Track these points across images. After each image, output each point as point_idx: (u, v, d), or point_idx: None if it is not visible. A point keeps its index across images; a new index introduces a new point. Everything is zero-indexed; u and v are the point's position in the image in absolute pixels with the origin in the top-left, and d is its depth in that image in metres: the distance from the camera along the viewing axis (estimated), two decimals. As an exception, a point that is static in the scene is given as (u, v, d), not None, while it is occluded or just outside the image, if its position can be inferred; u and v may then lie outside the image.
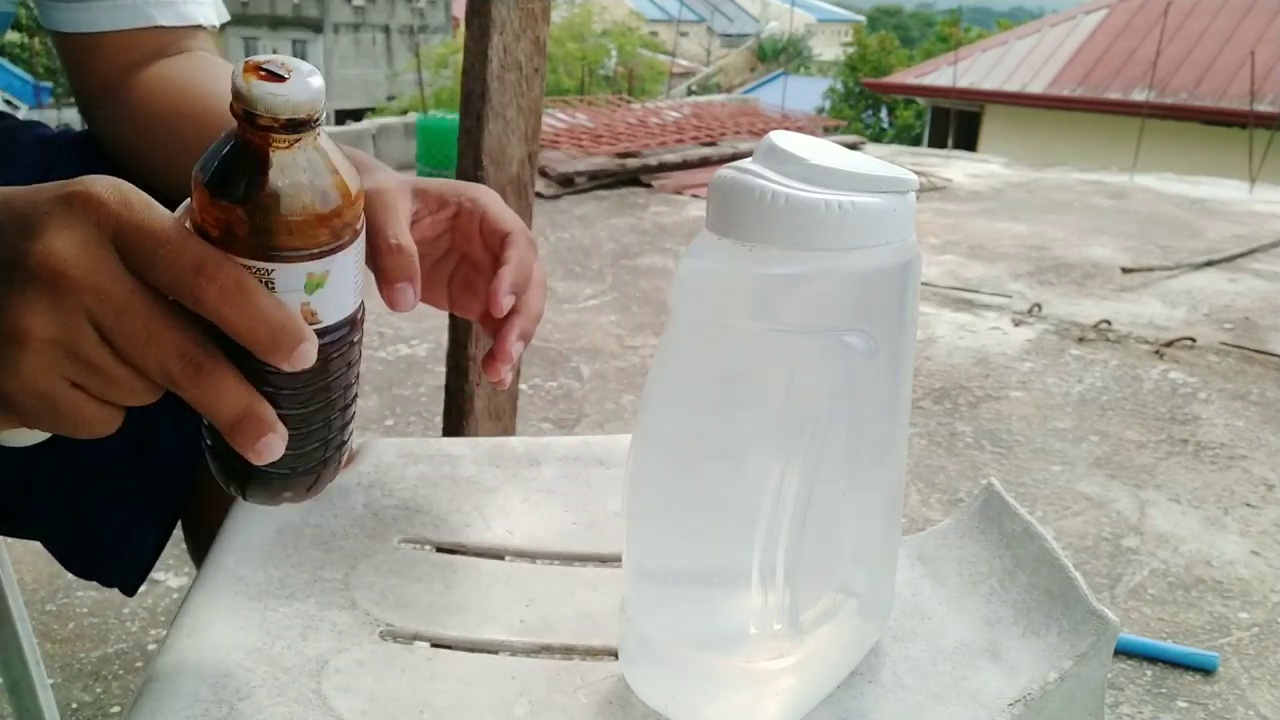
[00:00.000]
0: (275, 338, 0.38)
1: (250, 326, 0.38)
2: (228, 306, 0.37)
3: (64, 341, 0.37)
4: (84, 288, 0.36)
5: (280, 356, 0.39)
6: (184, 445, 0.68)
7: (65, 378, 0.38)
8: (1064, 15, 12.49)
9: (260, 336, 0.38)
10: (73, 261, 0.36)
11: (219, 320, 0.38)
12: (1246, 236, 4.28)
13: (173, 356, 0.38)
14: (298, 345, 0.39)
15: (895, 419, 0.44)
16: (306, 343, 0.39)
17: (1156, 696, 1.39)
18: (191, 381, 0.38)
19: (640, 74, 13.58)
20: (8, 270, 0.36)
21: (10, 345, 0.37)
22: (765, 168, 0.39)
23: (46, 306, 0.36)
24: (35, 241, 0.36)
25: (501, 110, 1.32)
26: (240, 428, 0.39)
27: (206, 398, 0.39)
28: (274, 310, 0.38)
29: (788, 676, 0.42)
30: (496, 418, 1.45)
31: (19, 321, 0.36)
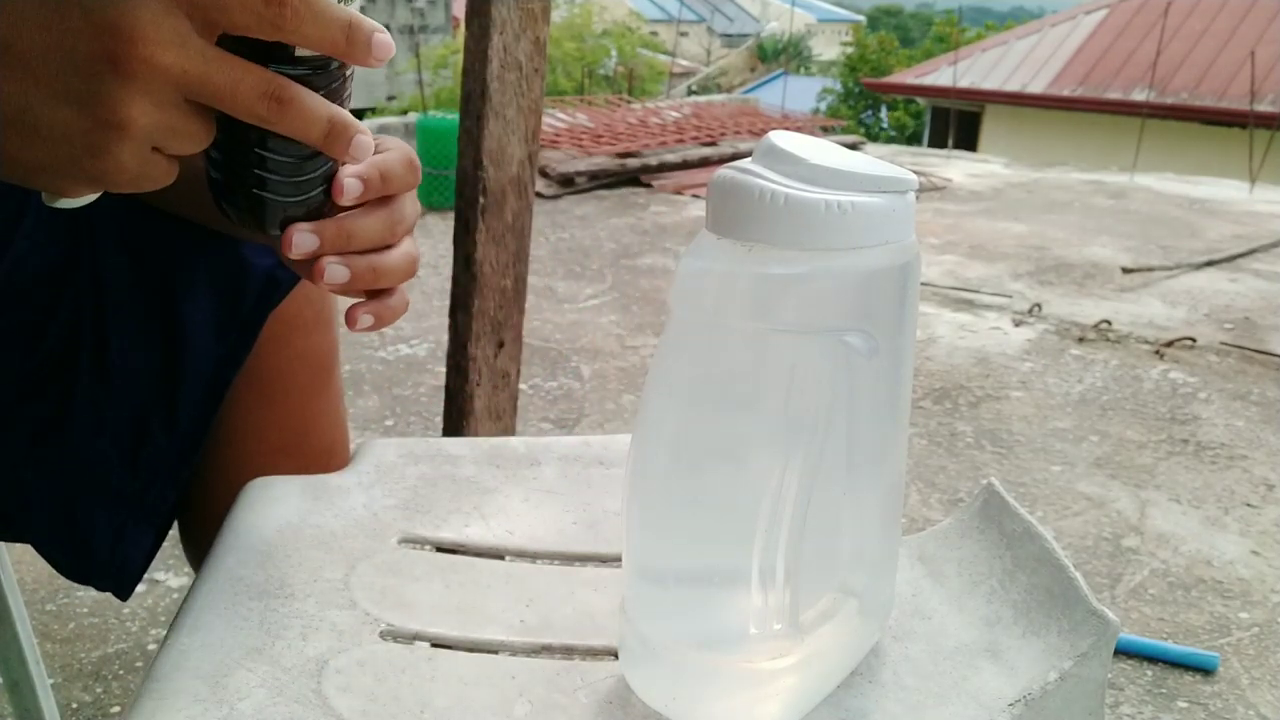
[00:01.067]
0: (354, 35, 0.42)
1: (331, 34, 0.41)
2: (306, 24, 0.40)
3: (159, 118, 0.40)
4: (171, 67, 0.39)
5: (362, 53, 0.42)
6: (176, 448, 0.68)
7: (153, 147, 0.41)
8: (1064, 15, 12.49)
9: (340, 40, 0.41)
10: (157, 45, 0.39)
11: (301, 41, 0.41)
12: (1246, 236, 4.28)
13: (257, 97, 0.41)
14: (373, 33, 0.42)
15: (895, 419, 0.44)
16: (381, 32, 0.43)
17: (1157, 696, 1.39)
18: (280, 113, 0.42)
19: (640, 74, 13.57)
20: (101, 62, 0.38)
21: (113, 132, 0.39)
22: (765, 168, 0.39)
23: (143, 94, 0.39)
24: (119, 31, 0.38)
25: (501, 110, 1.32)
26: (332, 135, 0.43)
27: (297, 123, 0.42)
28: (341, 13, 0.42)
29: (788, 676, 0.42)
30: (496, 418, 1.45)
31: (119, 112, 0.39)
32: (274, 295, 0.68)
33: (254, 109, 0.41)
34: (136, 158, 0.41)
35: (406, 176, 0.50)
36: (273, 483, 0.61)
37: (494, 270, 1.38)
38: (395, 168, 0.49)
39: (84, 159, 0.40)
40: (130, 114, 0.39)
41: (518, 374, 1.47)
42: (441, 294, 2.87)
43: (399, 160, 0.50)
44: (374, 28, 0.42)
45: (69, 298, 0.66)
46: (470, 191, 1.35)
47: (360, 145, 0.44)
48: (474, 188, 1.34)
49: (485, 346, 1.41)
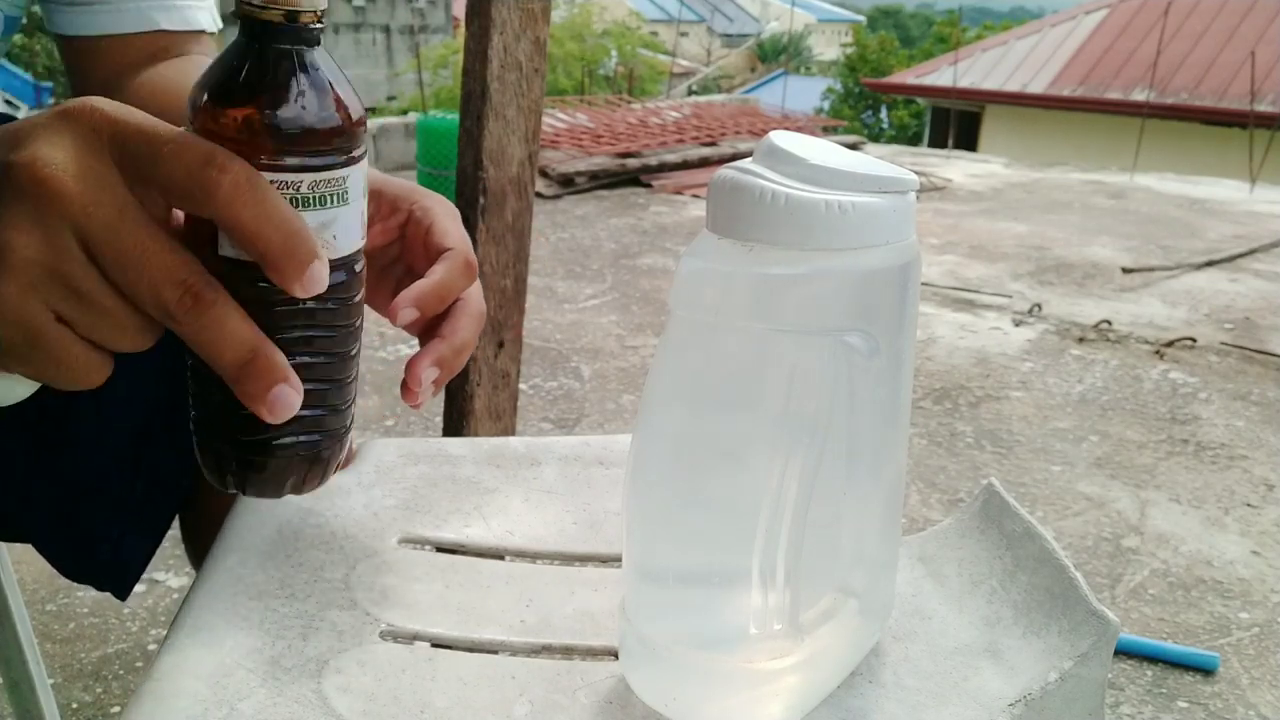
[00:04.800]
0: (290, 244, 0.34)
1: (263, 228, 0.34)
2: (240, 203, 0.33)
3: (47, 261, 0.33)
4: (70, 197, 0.33)
5: (293, 270, 0.35)
6: (179, 453, 0.68)
7: (50, 308, 0.34)
8: (1064, 15, 12.49)
9: (274, 241, 0.34)
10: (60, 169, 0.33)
11: (229, 220, 0.34)
12: (1246, 236, 4.28)
13: (168, 283, 0.34)
14: (311, 260, 0.35)
15: (895, 419, 0.44)
16: (319, 261, 0.35)
17: (1157, 697, 1.39)
18: (190, 313, 0.34)
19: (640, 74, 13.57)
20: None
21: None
22: (765, 168, 0.39)
23: (29, 220, 0.32)
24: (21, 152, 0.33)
25: (501, 110, 1.32)
26: (248, 372, 0.35)
27: (207, 334, 0.34)
28: (288, 214, 0.35)
29: (788, 676, 0.42)
30: (496, 418, 1.45)
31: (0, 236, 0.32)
32: None
33: (159, 294, 0.34)
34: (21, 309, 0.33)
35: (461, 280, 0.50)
36: (273, 483, 0.61)
37: (494, 270, 1.38)
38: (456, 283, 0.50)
39: None
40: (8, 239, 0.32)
41: (518, 374, 1.47)
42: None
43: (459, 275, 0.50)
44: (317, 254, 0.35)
45: None
46: (470, 191, 1.35)
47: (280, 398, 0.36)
48: (474, 188, 1.34)
49: (485, 346, 1.41)
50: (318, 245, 0.36)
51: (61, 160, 0.33)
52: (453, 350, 0.50)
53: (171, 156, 0.33)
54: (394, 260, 0.56)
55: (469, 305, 0.52)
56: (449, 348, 0.50)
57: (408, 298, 0.48)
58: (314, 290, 0.36)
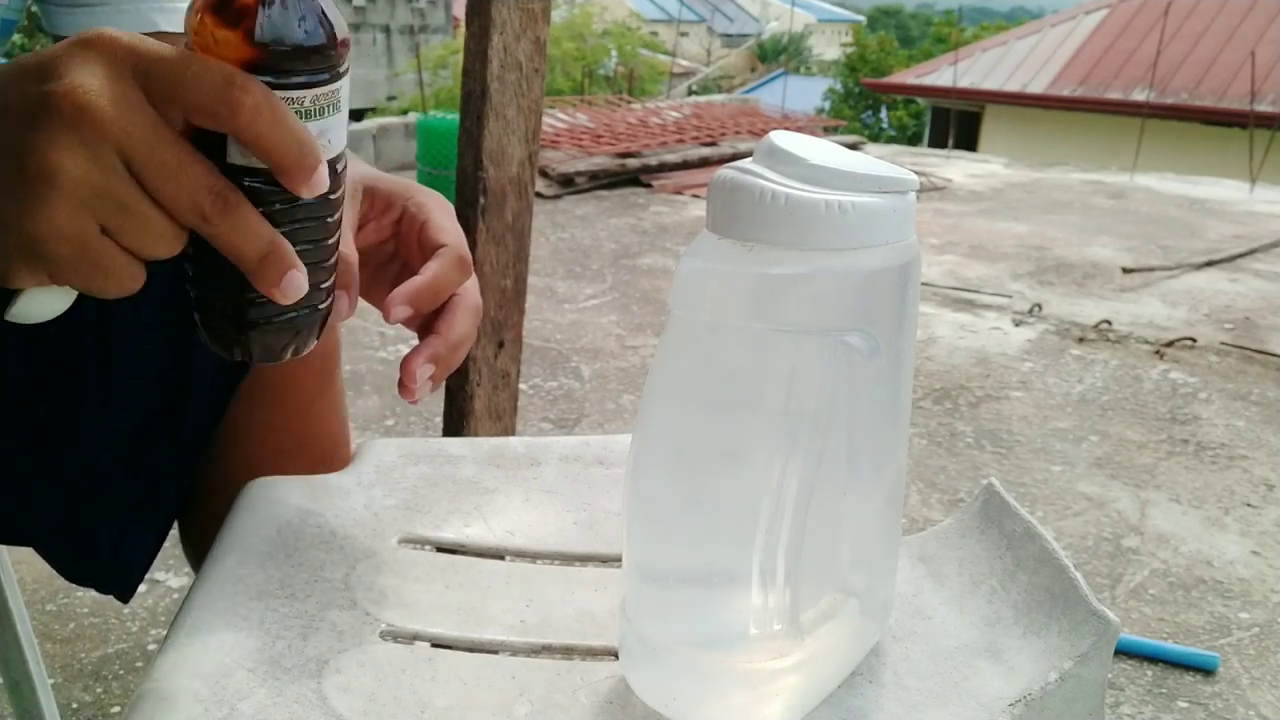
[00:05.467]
0: (302, 154, 0.39)
1: (280, 141, 0.38)
2: (260, 120, 0.37)
3: (95, 179, 0.36)
4: (112, 121, 0.36)
5: (303, 176, 0.39)
6: (178, 454, 0.68)
7: (96, 220, 0.37)
8: (1064, 15, 12.49)
9: (290, 152, 0.38)
10: (99, 96, 0.36)
11: (250, 135, 0.38)
12: (1246, 236, 4.28)
13: (202, 189, 0.38)
14: (318, 165, 0.40)
15: (895, 419, 0.44)
16: (323, 165, 0.40)
17: (1157, 697, 1.39)
18: (221, 215, 0.38)
19: (640, 74, 13.56)
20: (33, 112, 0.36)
21: (41, 184, 0.36)
22: (765, 168, 0.39)
23: (77, 143, 0.36)
24: (58, 81, 0.36)
25: (501, 110, 1.32)
26: (266, 263, 0.40)
27: (235, 233, 0.39)
28: (299, 127, 0.39)
29: (788, 676, 0.42)
30: (496, 418, 1.45)
31: (49, 159, 0.35)
32: None
33: (196, 200, 0.38)
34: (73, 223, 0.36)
35: (455, 276, 0.51)
36: (273, 483, 0.61)
37: (494, 270, 1.38)
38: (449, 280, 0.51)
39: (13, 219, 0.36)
40: (59, 160, 0.35)
41: (518, 374, 1.47)
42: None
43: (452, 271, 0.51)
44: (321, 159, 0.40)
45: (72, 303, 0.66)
46: (470, 191, 1.35)
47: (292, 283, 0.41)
48: (474, 188, 1.34)
49: (485, 346, 1.41)
50: (320, 152, 0.40)
51: (97, 86, 0.36)
52: (448, 346, 0.51)
53: (195, 79, 0.37)
54: (390, 258, 0.56)
55: (465, 301, 0.52)
56: (445, 344, 0.51)
57: (401, 295, 0.49)
58: (318, 190, 0.40)
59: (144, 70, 0.37)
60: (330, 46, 0.41)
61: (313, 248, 0.44)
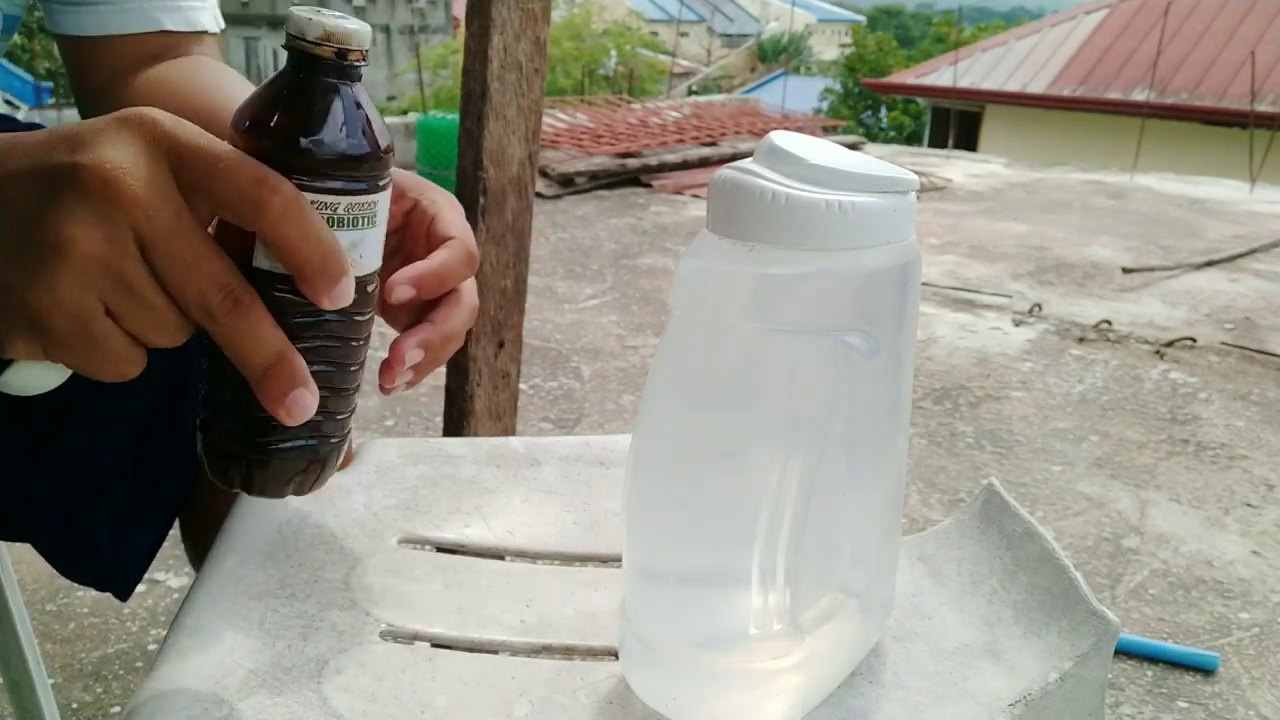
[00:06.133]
0: (326, 262, 0.38)
1: (305, 246, 0.37)
2: (288, 222, 0.37)
3: (107, 257, 0.35)
4: (134, 202, 0.35)
5: (325, 285, 0.38)
6: (178, 454, 0.68)
7: (100, 300, 0.36)
8: (1064, 15, 12.49)
9: (313, 258, 0.37)
10: (127, 174, 0.35)
11: (273, 236, 0.37)
12: (1246, 236, 4.28)
13: (214, 286, 0.37)
14: (342, 276, 0.38)
15: (895, 419, 0.44)
16: (348, 277, 0.39)
17: (1157, 697, 1.39)
18: (230, 316, 0.37)
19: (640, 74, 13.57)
20: (58, 180, 0.35)
21: (51, 255, 0.35)
22: (765, 168, 0.39)
23: (94, 219, 0.35)
24: (88, 154, 0.35)
25: (502, 110, 1.32)
26: (272, 374, 0.38)
27: (241, 336, 0.38)
28: (327, 234, 0.38)
29: (788, 676, 0.42)
30: (497, 418, 1.45)
31: (64, 232, 0.35)
32: None
33: (205, 296, 0.37)
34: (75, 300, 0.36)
35: (461, 269, 0.50)
36: (273, 483, 0.61)
37: (494, 270, 1.38)
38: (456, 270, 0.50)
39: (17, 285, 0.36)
40: (71, 233, 0.35)
41: (518, 374, 1.47)
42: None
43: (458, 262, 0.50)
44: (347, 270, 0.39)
45: None
46: (470, 191, 1.35)
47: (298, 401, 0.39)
48: (474, 188, 1.34)
49: (485, 346, 1.41)
50: (347, 263, 0.39)
51: (128, 164, 0.35)
52: (441, 336, 0.50)
53: (227, 173, 0.36)
54: (395, 249, 0.56)
55: (463, 298, 0.52)
56: (438, 333, 0.50)
57: (405, 275, 0.48)
58: (341, 303, 0.39)
59: (178, 156, 0.36)
60: (372, 156, 0.40)
61: (334, 371, 0.41)
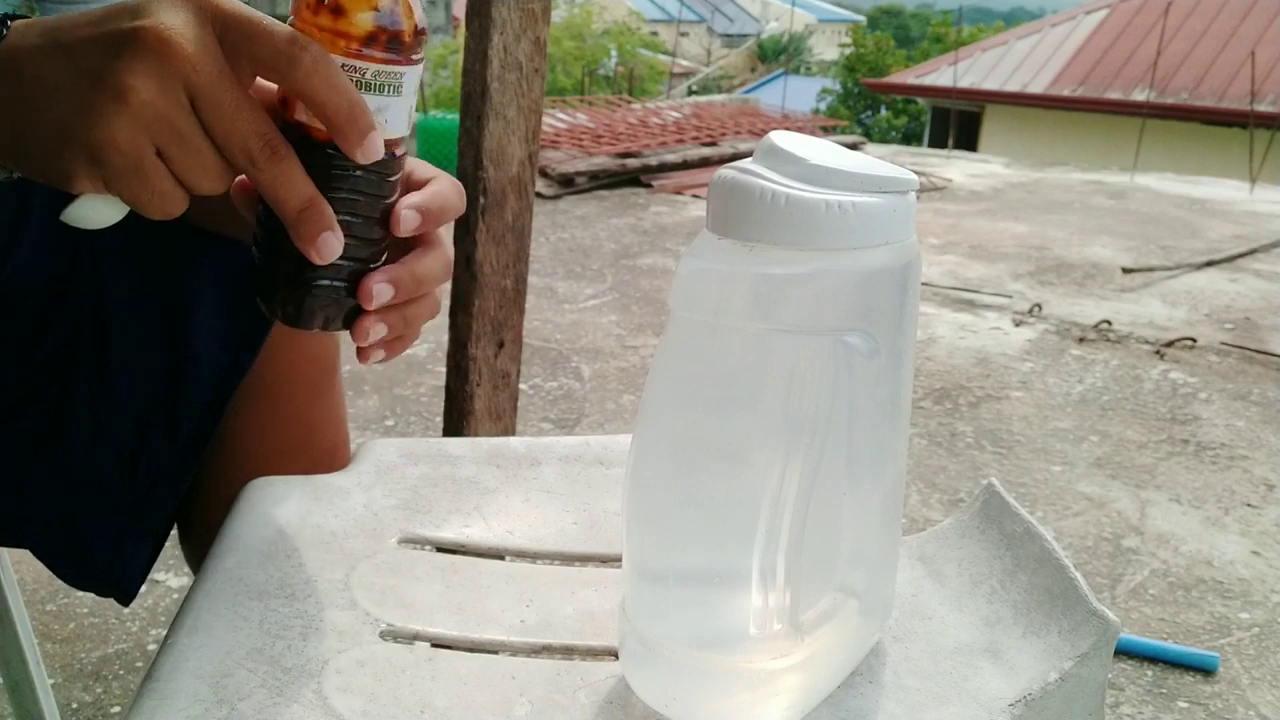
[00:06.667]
0: (353, 113, 0.42)
1: (334, 99, 0.42)
2: (317, 75, 0.41)
3: (160, 105, 0.40)
4: (185, 59, 0.40)
5: (355, 136, 0.42)
6: (176, 458, 0.68)
7: (152, 141, 0.41)
8: (1064, 15, 12.49)
9: (341, 110, 0.42)
10: (179, 35, 0.40)
11: (304, 89, 0.41)
12: (1247, 236, 4.28)
13: (254, 135, 0.42)
14: (370, 130, 0.43)
15: (895, 419, 0.44)
16: (376, 133, 0.43)
17: (1157, 697, 1.39)
18: (268, 162, 0.42)
19: (640, 74, 13.56)
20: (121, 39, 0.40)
21: (113, 100, 0.40)
22: (765, 168, 0.39)
23: (151, 71, 0.40)
24: (147, 19, 0.40)
25: (502, 110, 1.32)
26: (305, 216, 0.43)
27: (278, 181, 0.42)
28: (353, 92, 0.42)
29: (788, 676, 0.42)
30: (497, 418, 1.45)
31: (124, 81, 0.40)
32: None
33: (246, 144, 0.42)
34: (131, 141, 0.40)
35: (458, 203, 0.51)
36: (273, 483, 0.61)
37: (494, 270, 1.38)
38: (451, 198, 0.50)
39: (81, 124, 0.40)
40: (131, 82, 0.40)
41: (518, 374, 1.47)
42: (442, 294, 2.86)
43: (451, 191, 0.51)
44: (374, 126, 0.43)
45: (68, 304, 0.66)
46: (470, 191, 1.35)
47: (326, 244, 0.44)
48: (474, 188, 1.34)
49: (485, 346, 1.41)
50: (374, 120, 0.43)
51: (179, 27, 0.40)
52: (411, 276, 0.49)
53: (264, 35, 0.41)
54: None
55: (438, 244, 0.51)
56: (407, 271, 0.49)
57: (409, 202, 0.48)
58: (371, 156, 0.43)
59: (222, 21, 0.41)
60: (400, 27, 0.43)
61: (360, 222, 0.46)
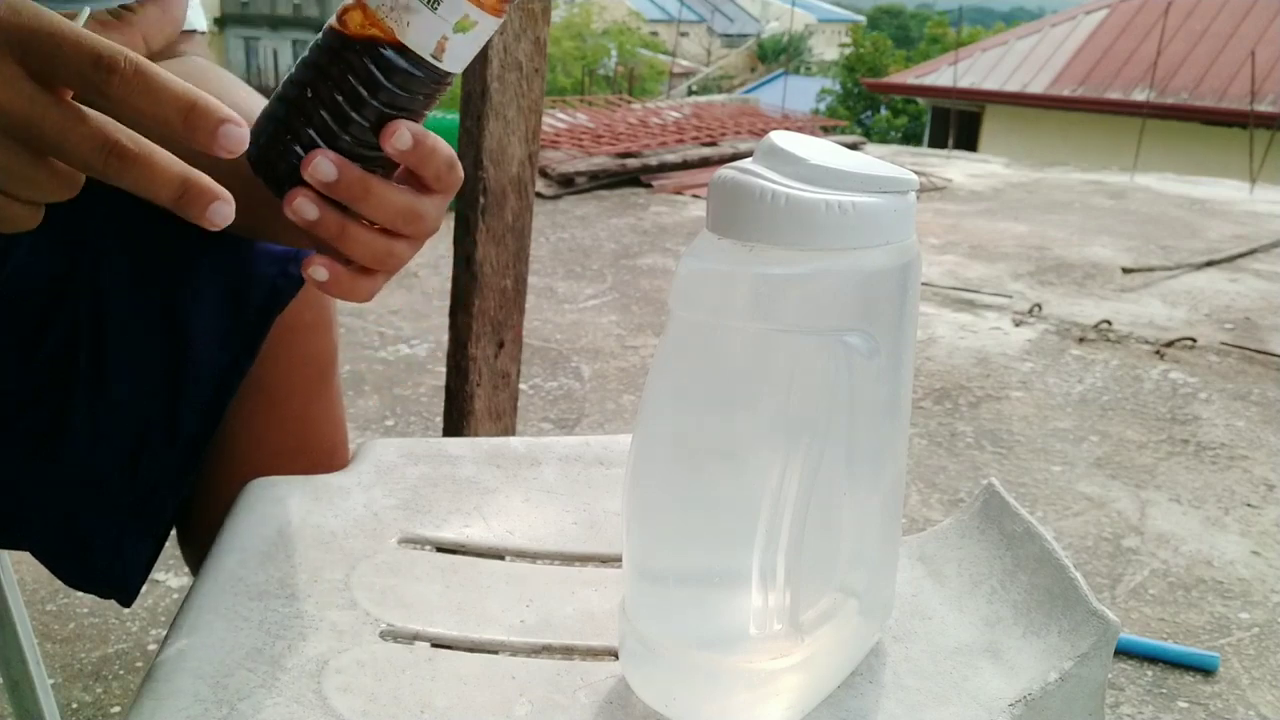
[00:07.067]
0: (190, 118, 0.38)
1: (159, 111, 0.37)
2: (132, 95, 0.37)
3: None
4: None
5: (204, 138, 0.38)
6: (177, 459, 0.68)
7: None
8: (1064, 15, 12.49)
9: (174, 121, 0.38)
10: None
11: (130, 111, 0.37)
12: (1246, 236, 4.28)
13: (90, 149, 0.38)
14: (219, 125, 0.38)
15: (895, 419, 0.44)
16: (230, 124, 0.38)
17: (1157, 697, 1.39)
18: (118, 169, 0.38)
19: (640, 74, 13.57)
20: None
21: None
22: (765, 168, 0.39)
23: None
24: None
25: (502, 110, 1.32)
26: (185, 201, 0.39)
27: (140, 181, 0.38)
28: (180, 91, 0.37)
29: (788, 676, 0.42)
30: (497, 418, 1.45)
31: None
32: (277, 303, 0.68)
33: (87, 159, 0.38)
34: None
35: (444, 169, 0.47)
36: (273, 483, 0.61)
37: (494, 270, 1.38)
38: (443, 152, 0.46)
39: None
40: None
41: (518, 374, 1.47)
42: (441, 294, 2.87)
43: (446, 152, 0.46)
44: (225, 117, 0.38)
45: (67, 306, 0.66)
46: (470, 191, 1.35)
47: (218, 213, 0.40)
48: (474, 188, 1.34)
49: (485, 346, 1.41)
50: (224, 110, 0.38)
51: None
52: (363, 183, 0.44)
53: (65, 60, 0.37)
54: None
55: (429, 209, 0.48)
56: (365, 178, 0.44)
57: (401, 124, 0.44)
58: (235, 149, 0.39)
59: (22, 46, 0.37)
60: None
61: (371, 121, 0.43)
